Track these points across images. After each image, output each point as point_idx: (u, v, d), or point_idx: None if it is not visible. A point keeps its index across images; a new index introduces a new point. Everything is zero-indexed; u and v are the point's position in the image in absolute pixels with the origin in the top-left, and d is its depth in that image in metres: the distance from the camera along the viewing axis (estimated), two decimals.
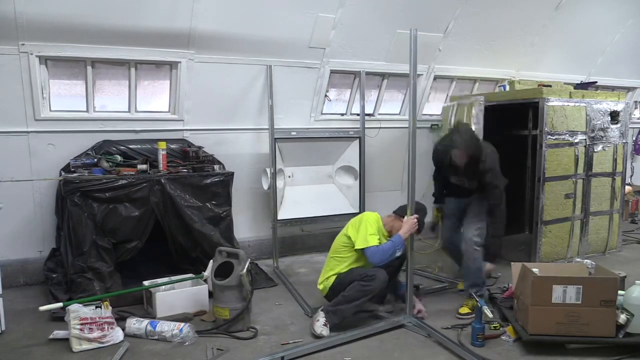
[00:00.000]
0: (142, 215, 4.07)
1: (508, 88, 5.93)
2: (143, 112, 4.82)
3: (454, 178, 4.12)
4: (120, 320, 3.51)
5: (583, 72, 7.02)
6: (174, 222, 4.20)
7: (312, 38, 5.05)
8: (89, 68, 4.47)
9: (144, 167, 4.27)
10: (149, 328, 3.43)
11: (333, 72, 5.44)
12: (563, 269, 3.77)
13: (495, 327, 3.53)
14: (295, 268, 5.13)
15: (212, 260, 3.74)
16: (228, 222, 4.46)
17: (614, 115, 5.36)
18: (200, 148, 4.68)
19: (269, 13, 4.71)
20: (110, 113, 4.71)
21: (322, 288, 3.76)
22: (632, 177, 7.85)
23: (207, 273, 3.72)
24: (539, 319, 3.22)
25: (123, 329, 3.43)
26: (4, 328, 3.49)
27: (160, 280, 3.97)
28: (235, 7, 4.54)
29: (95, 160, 4.20)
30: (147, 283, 3.92)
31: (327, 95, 5.59)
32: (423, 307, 3.79)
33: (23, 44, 4.09)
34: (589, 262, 3.89)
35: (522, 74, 6.49)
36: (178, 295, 3.86)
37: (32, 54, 4.14)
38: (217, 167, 4.53)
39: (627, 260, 5.30)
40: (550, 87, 5.44)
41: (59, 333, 3.39)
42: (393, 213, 3.85)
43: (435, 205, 4.46)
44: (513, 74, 6.48)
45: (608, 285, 3.21)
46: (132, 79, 4.64)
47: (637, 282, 3.30)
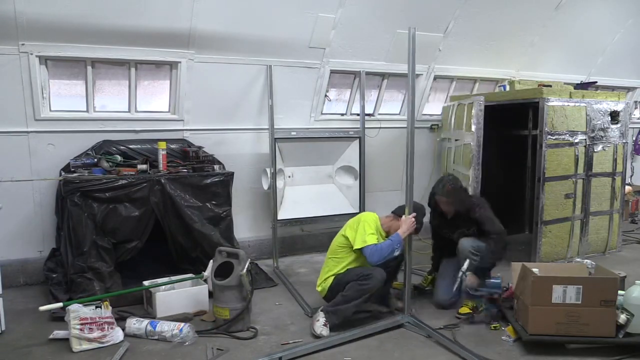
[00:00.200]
0: (142, 215, 4.07)
1: (508, 88, 5.93)
2: (143, 112, 4.82)
3: (445, 230, 4.12)
4: (120, 320, 3.51)
5: (583, 72, 7.02)
6: (174, 222, 4.20)
7: (312, 38, 5.05)
8: (89, 68, 4.47)
9: (144, 167, 4.27)
10: (149, 328, 3.43)
11: (333, 72, 5.44)
12: (563, 269, 3.77)
13: (495, 327, 3.54)
14: (295, 268, 5.14)
15: (212, 260, 3.74)
16: (228, 222, 4.47)
17: (614, 115, 5.36)
18: (200, 148, 4.68)
19: (269, 13, 4.71)
20: (110, 113, 4.71)
21: (320, 290, 3.77)
22: (632, 177, 7.84)
23: (207, 273, 3.72)
24: (539, 319, 3.22)
25: (123, 329, 3.43)
26: (4, 328, 3.49)
27: (160, 280, 3.97)
28: (235, 7, 4.54)
29: (95, 160, 4.20)
30: (147, 283, 3.92)
31: (327, 95, 5.58)
32: None
33: (23, 44, 4.09)
34: (589, 262, 3.89)
35: (522, 74, 6.49)
36: (178, 295, 3.86)
37: (32, 54, 4.14)
38: (217, 167, 4.53)
39: (627, 260, 5.30)
40: (550, 87, 5.44)
41: (59, 333, 3.39)
42: (392, 213, 3.86)
43: (427, 273, 4.42)
44: (513, 74, 6.47)
45: (608, 285, 3.22)
46: (132, 79, 4.64)
47: (637, 282, 3.31)
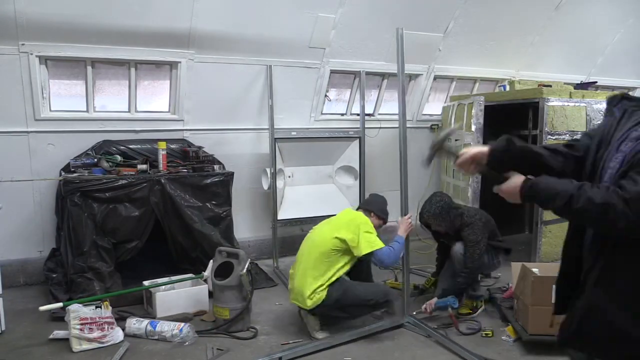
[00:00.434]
0: (142, 215, 4.07)
1: (508, 88, 5.93)
2: (143, 112, 4.82)
3: (442, 239, 4.16)
4: (120, 320, 3.51)
5: (583, 72, 7.01)
6: (174, 222, 4.20)
7: (312, 38, 5.05)
8: (89, 68, 4.47)
9: (144, 167, 4.27)
10: (149, 328, 3.43)
11: (333, 72, 5.44)
12: None
13: (487, 334, 3.48)
14: None
15: (212, 260, 3.74)
16: (228, 222, 4.47)
17: None
18: (200, 148, 4.68)
19: (269, 13, 4.71)
20: (110, 113, 4.71)
21: (311, 304, 3.36)
22: None
23: (207, 273, 3.72)
24: (539, 319, 3.21)
25: (123, 329, 3.43)
26: (4, 328, 3.49)
27: (160, 280, 3.97)
28: (235, 7, 4.54)
29: (95, 160, 4.20)
30: (147, 283, 3.92)
31: (327, 95, 5.59)
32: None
33: (23, 44, 4.09)
34: None
35: (522, 74, 6.49)
36: (178, 295, 3.86)
37: (32, 54, 4.14)
38: (217, 167, 4.53)
39: None
40: (550, 87, 5.44)
41: (59, 333, 3.39)
42: (361, 209, 3.75)
43: (431, 275, 4.34)
44: (513, 74, 6.47)
45: None
46: (132, 79, 4.64)
47: None
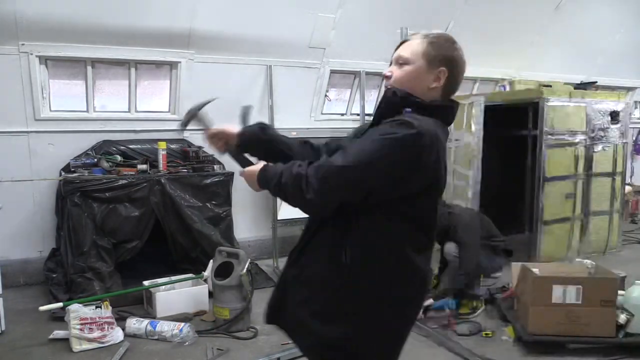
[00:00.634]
0: (142, 215, 4.07)
1: (508, 88, 5.93)
2: (143, 112, 4.82)
3: (437, 239, 4.04)
4: (120, 320, 3.51)
5: (583, 72, 7.00)
6: (174, 222, 4.20)
7: (312, 38, 5.04)
8: (89, 68, 4.47)
9: (144, 167, 4.27)
10: (149, 328, 3.43)
11: (333, 72, 5.43)
12: (563, 269, 3.76)
13: (487, 334, 3.47)
14: None
15: (212, 260, 3.73)
16: (228, 222, 4.46)
17: (614, 115, 5.35)
18: (201, 148, 4.68)
19: (269, 13, 4.70)
20: (110, 113, 4.71)
21: None
22: (632, 177, 7.84)
23: (207, 273, 3.72)
24: (539, 319, 3.22)
25: (123, 329, 3.42)
26: (4, 328, 3.48)
27: (160, 280, 3.97)
28: (235, 7, 4.54)
29: (95, 160, 4.20)
30: (147, 283, 3.91)
31: (327, 95, 5.58)
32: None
33: (23, 44, 4.09)
34: (589, 262, 3.88)
35: (522, 74, 6.48)
36: (178, 295, 3.86)
37: (32, 54, 4.14)
38: (217, 167, 4.52)
39: (627, 260, 5.29)
40: (550, 87, 5.43)
41: (59, 333, 3.38)
42: None
43: (437, 272, 4.24)
44: (513, 74, 6.47)
45: (608, 285, 3.22)
46: (132, 79, 4.64)
47: (637, 282, 3.31)
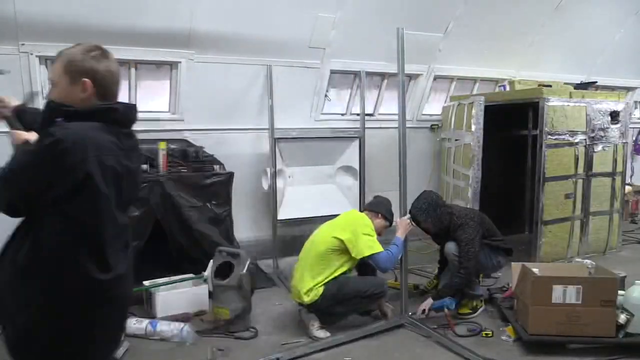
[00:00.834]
0: (142, 215, 4.05)
1: (508, 88, 5.93)
2: (143, 112, 4.81)
3: (437, 240, 4.12)
4: None
5: (583, 72, 7.01)
6: (174, 222, 4.19)
7: (312, 38, 5.04)
8: None
9: (144, 167, 4.26)
10: (149, 328, 3.43)
11: (333, 72, 5.43)
12: (563, 269, 3.77)
13: (487, 334, 3.47)
14: None
15: (212, 260, 3.73)
16: (228, 222, 4.46)
17: (614, 115, 5.35)
18: (201, 148, 4.68)
19: (269, 13, 4.70)
20: None
21: (308, 300, 3.43)
22: (632, 177, 7.84)
23: (207, 273, 3.72)
24: (539, 319, 3.22)
25: None
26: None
27: (160, 280, 3.97)
28: (235, 7, 4.54)
29: None
30: (147, 283, 3.91)
31: (327, 95, 5.58)
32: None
33: (23, 44, 4.09)
34: (589, 262, 3.89)
35: (522, 74, 6.48)
36: (178, 295, 3.85)
37: (32, 54, 4.14)
38: (217, 167, 4.53)
39: (627, 260, 5.30)
40: (550, 87, 5.44)
41: None
42: (367, 210, 3.75)
43: (433, 277, 4.26)
44: (513, 74, 6.47)
45: (608, 285, 3.22)
46: (132, 79, 4.64)
47: (637, 282, 3.31)
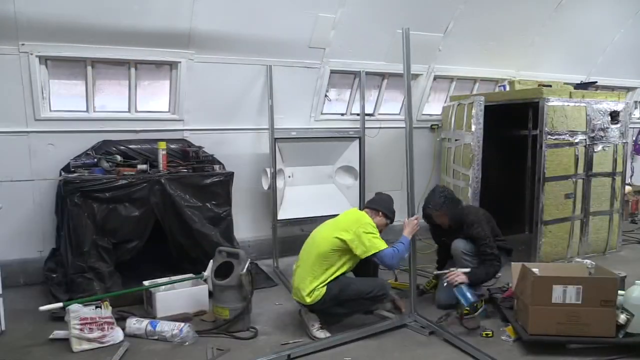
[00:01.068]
0: (142, 215, 4.07)
1: (508, 88, 5.93)
2: (143, 112, 4.82)
3: (443, 238, 4.15)
4: (120, 320, 3.51)
5: (583, 72, 7.01)
6: (174, 222, 4.20)
7: (312, 38, 5.05)
8: (89, 68, 4.47)
9: (144, 167, 4.27)
10: (149, 328, 3.43)
11: (333, 72, 5.43)
12: (563, 269, 3.77)
13: (487, 334, 3.47)
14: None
15: (212, 260, 3.74)
16: (228, 222, 4.47)
17: (614, 115, 5.36)
18: (200, 148, 4.68)
19: (269, 13, 4.71)
20: (110, 113, 4.71)
21: (310, 300, 3.41)
22: (632, 177, 7.84)
23: (207, 273, 3.72)
24: (539, 319, 3.22)
25: (123, 329, 3.43)
26: (4, 328, 3.49)
27: (160, 280, 3.97)
28: (235, 7, 4.54)
29: (95, 160, 4.20)
30: (147, 283, 3.92)
31: (327, 95, 5.58)
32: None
33: (23, 44, 4.09)
34: (589, 262, 3.89)
35: (522, 74, 6.48)
36: (178, 295, 3.86)
37: (32, 54, 4.14)
38: (217, 167, 4.53)
39: (627, 260, 5.30)
40: (550, 87, 5.44)
41: (59, 333, 3.39)
42: (367, 208, 3.74)
43: (436, 272, 4.21)
44: (513, 74, 6.47)
45: (608, 285, 3.22)
46: (132, 79, 4.64)
47: (637, 282, 3.31)
